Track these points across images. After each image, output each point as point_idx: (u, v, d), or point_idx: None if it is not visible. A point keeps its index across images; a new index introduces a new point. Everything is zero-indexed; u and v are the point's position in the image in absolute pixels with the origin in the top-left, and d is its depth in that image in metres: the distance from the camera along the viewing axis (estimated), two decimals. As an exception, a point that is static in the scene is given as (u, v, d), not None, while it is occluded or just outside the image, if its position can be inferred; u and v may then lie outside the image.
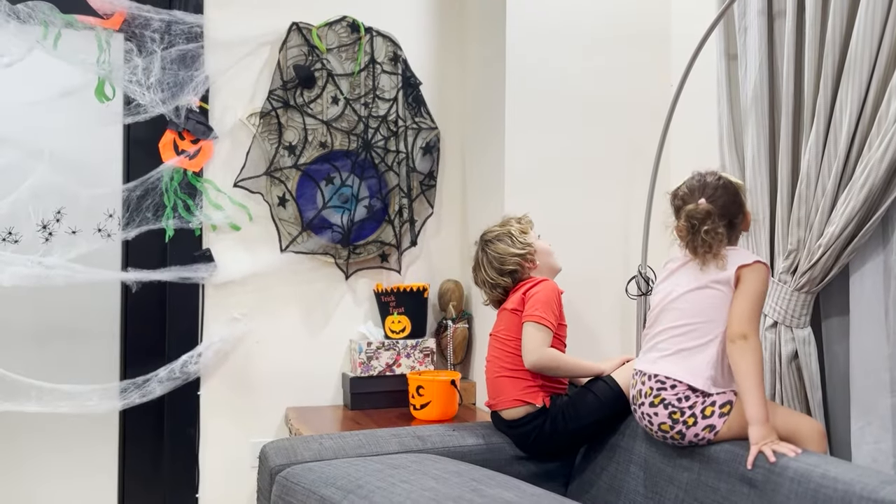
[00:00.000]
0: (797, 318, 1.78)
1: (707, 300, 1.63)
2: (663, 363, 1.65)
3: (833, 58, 1.68)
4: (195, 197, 2.39)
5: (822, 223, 1.71)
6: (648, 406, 1.64)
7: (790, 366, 1.78)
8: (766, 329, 1.81)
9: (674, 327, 1.66)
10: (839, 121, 1.68)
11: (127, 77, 2.30)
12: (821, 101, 1.70)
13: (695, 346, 1.62)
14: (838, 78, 1.69)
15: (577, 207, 2.38)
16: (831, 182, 1.69)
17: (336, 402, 2.56)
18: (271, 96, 2.46)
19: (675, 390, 1.61)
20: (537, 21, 2.34)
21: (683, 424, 1.59)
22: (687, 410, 1.59)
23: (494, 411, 1.95)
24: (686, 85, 2.08)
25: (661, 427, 1.63)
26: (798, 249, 1.77)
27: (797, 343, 1.77)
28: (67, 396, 2.26)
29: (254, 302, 2.48)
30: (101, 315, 2.43)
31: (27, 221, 2.29)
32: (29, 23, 2.22)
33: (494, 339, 1.98)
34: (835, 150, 1.69)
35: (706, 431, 1.58)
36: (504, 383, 1.90)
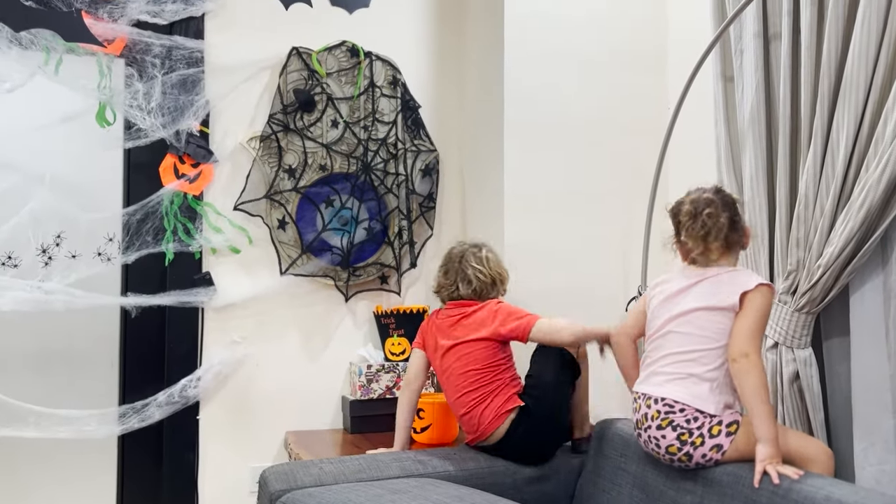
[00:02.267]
0: (798, 339, 1.77)
1: (714, 325, 1.61)
2: (671, 387, 1.63)
3: (829, 80, 1.70)
4: (195, 220, 2.40)
5: (822, 243, 1.71)
6: (656, 429, 1.63)
7: (792, 387, 1.77)
8: (766, 350, 1.81)
9: (681, 353, 1.64)
10: (836, 142, 1.69)
11: (128, 102, 2.32)
12: (818, 122, 1.71)
13: (703, 371, 1.61)
14: (835, 99, 1.70)
15: (577, 228, 2.39)
16: (829, 202, 1.69)
17: (336, 426, 2.54)
18: (271, 120, 2.47)
19: (683, 414, 1.60)
20: (535, 44, 2.36)
21: (691, 445, 1.58)
22: (695, 431, 1.58)
23: (481, 442, 1.93)
24: (683, 106, 2.09)
25: (669, 449, 1.61)
26: (797, 270, 1.77)
27: (798, 364, 1.76)
28: (66, 421, 2.25)
29: (253, 325, 2.47)
30: (100, 339, 2.42)
31: (27, 246, 2.29)
32: (31, 49, 2.24)
33: (455, 377, 1.94)
34: (832, 171, 1.69)
35: (713, 451, 1.57)
36: (480, 411, 1.90)
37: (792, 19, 1.79)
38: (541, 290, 2.33)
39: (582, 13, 2.41)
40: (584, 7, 2.41)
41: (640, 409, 1.68)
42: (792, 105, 1.80)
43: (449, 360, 1.96)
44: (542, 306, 2.33)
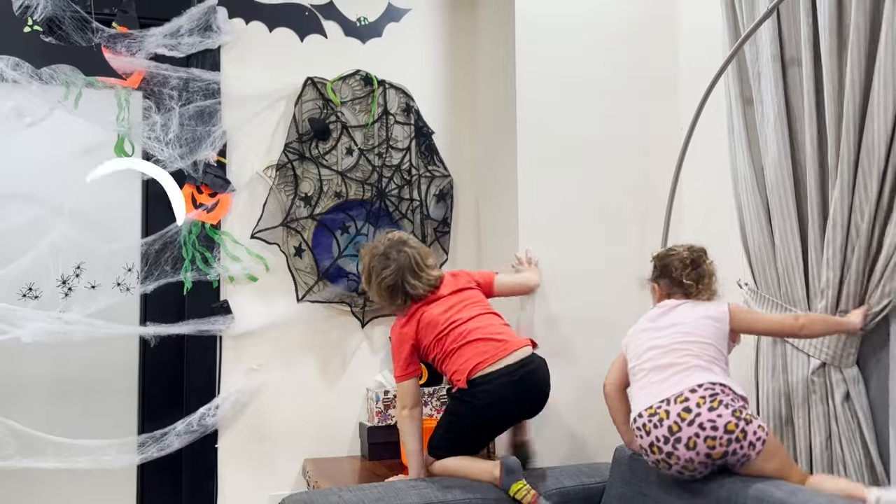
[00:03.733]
0: (845, 358, 1.75)
1: (710, 329, 1.72)
2: (698, 374, 1.66)
3: (854, 104, 1.70)
4: (213, 249, 2.42)
5: (860, 262, 1.71)
6: (708, 411, 1.60)
7: (844, 407, 1.75)
8: (813, 372, 1.79)
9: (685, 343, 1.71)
10: (868, 163, 1.69)
11: (146, 133, 2.36)
12: (845, 145, 1.71)
13: (719, 361, 1.70)
14: (861, 122, 1.70)
15: (591, 251, 2.38)
16: (865, 223, 1.69)
17: (353, 453, 2.54)
18: (287, 149, 2.50)
19: (725, 393, 1.63)
20: (546, 68, 2.38)
21: (745, 422, 1.59)
22: (744, 409, 1.62)
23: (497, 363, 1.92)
24: (697, 129, 2.10)
25: (728, 427, 1.58)
26: (829, 288, 1.76)
27: (848, 383, 1.75)
28: (85, 451, 2.26)
29: (271, 352, 2.48)
30: (119, 369, 2.43)
31: (47, 277, 2.32)
32: (51, 83, 2.28)
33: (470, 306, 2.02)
34: (865, 193, 1.69)
35: (760, 430, 1.60)
36: (509, 330, 2.01)
37: (812, 46, 1.80)
38: (557, 313, 2.33)
39: (593, 36, 2.42)
40: (595, 30, 2.43)
41: (660, 423, 1.64)
42: (818, 129, 1.80)
43: (453, 310, 2.01)
44: (559, 329, 2.33)
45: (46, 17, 2.27)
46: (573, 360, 2.33)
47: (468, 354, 1.95)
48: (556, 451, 2.26)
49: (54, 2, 2.28)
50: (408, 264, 2.01)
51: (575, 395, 2.31)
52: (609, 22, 2.44)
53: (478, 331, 1.98)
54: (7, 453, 2.20)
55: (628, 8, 2.46)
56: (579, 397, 2.31)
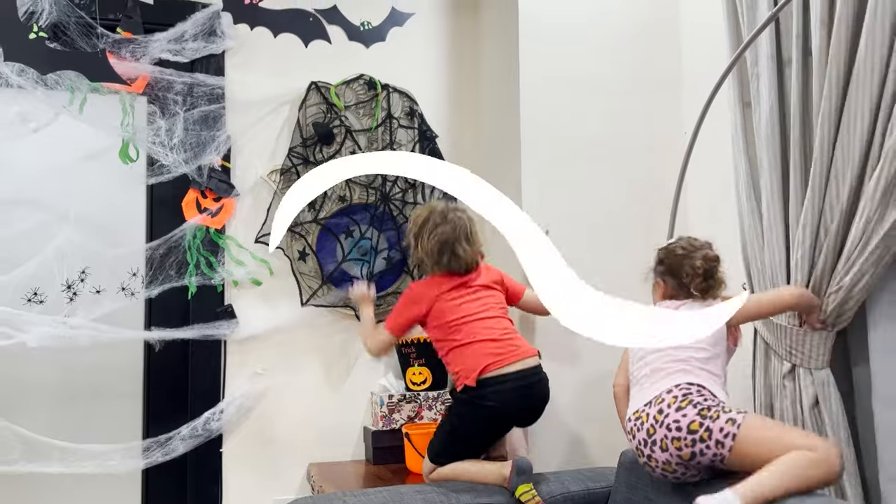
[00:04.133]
0: (815, 360, 1.75)
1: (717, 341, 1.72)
2: (680, 375, 1.67)
3: (831, 103, 1.69)
4: (217, 254, 2.42)
5: (827, 265, 1.71)
6: (675, 412, 1.60)
7: (812, 412, 1.74)
8: (784, 376, 1.79)
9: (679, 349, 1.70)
10: (841, 166, 1.68)
11: (150, 138, 2.36)
12: (822, 144, 1.71)
13: (709, 366, 1.69)
14: (838, 122, 1.69)
15: (595, 252, 2.37)
16: (834, 224, 1.69)
17: (358, 457, 2.53)
18: (291, 153, 2.50)
19: (700, 392, 1.63)
20: (550, 70, 2.38)
21: (710, 420, 1.56)
22: (713, 407, 1.59)
23: (510, 366, 1.94)
24: (701, 131, 2.09)
25: (691, 427, 1.57)
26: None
27: (816, 386, 1.74)
28: (90, 456, 2.26)
29: (275, 356, 2.48)
30: (124, 374, 2.44)
31: (52, 282, 2.32)
32: (56, 89, 2.29)
33: (493, 307, 2.03)
34: (837, 195, 1.69)
35: (729, 424, 1.54)
36: (519, 338, 2.00)
37: (802, 42, 1.79)
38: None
39: (596, 37, 2.42)
40: (599, 31, 2.43)
41: (645, 420, 1.65)
42: (802, 128, 1.80)
43: (476, 303, 2.02)
44: (563, 331, 2.32)
45: (51, 23, 2.28)
46: (577, 363, 2.33)
47: (480, 353, 1.95)
48: (560, 455, 2.26)
49: (59, 8, 2.28)
50: (464, 228, 2.05)
51: (579, 398, 2.31)
52: (613, 22, 2.44)
53: (492, 331, 1.98)
54: (12, 458, 2.20)
55: (632, 8, 2.46)
56: (584, 400, 2.31)
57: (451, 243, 2.03)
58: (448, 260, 2.03)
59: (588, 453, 2.29)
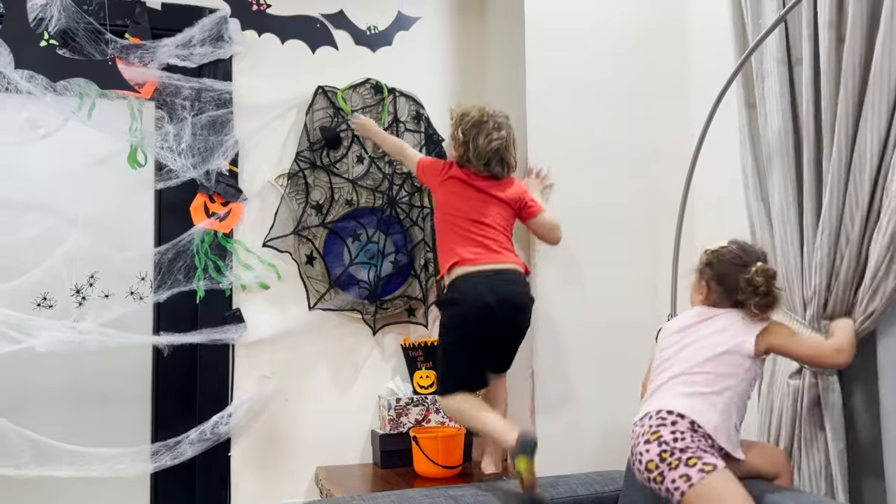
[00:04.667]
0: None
1: (723, 359, 1.64)
2: (671, 400, 1.64)
3: (847, 105, 1.68)
4: (225, 258, 2.43)
5: (850, 271, 1.70)
6: (643, 444, 1.61)
7: (811, 413, 1.74)
8: (790, 375, 1.79)
9: (687, 372, 1.66)
10: (859, 167, 1.67)
11: (158, 144, 2.37)
12: (839, 148, 1.70)
13: (708, 391, 1.62)
14: (856, 124, 1.69)
15: (604, 256, 2.38)
16: (856, 230, 1.68)
17: (366, 461, 2.54)
18: (299, 158, 2.51)
19: (674, 426, 1.59)
20: (557, 73, 2.38)
21: (667, 466, 1.55)
22: (676, 452, 1.56)
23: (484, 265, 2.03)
24: (708, 134, 2.09)
25: (648, 466, 1.59)
26: (817, 295, 1.75)
27: (821, 390, 1.74)
28: (99, 460, 2.27)
29: (283, 360, 2.49)
30: (132, 378, 2.45)
31: (61, 286, 2.33)
32: (65, 95, 2.30)
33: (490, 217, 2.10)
34: (856, 198, 1.68)
35: (682, 480, 1.53)
36: (507, 250, 2.09)
37: (813, 44, 1.79)
38: (569, 319, 2.33)
39: (602, 41, 2.43)
40: (605, 35, 2.43)
41: (635, 432, 1.66)
42: (815, 130, 1.79)
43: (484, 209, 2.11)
44: (572, 336, 2.33)
45: (60, 30, 2.29)
46: (586, 367, 2.33)
47: (460, 249, 2.07)
48: (568, 458, 2.26)
49: (68, 14, 2.30)
50: (512, 137, 2.17)
51: (589, 401, 2.31)
52: (619, 27, 2.44)
53: (482, 237, 2.08)
54: (22, 461, 2.21)
55: (638, 12, 2.46)
56: (593, 404, 2.31)
57: (503, 151, 2.13)
58: (496, 165, 2.13)
59: (597, 457, 2.29)
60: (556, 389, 2.31)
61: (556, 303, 2.32)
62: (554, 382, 2.31)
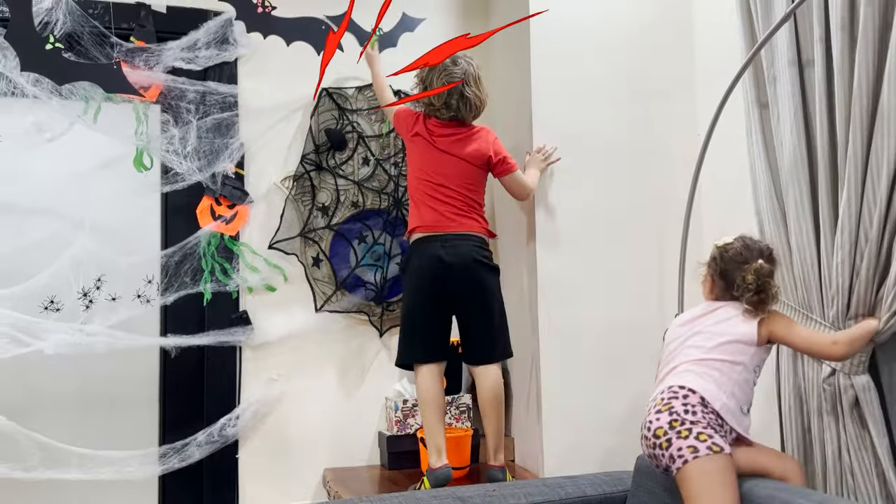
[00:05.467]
0: (854, 365, 1.73)
1: (730, 348, 1.68)
2: (682, 377, 1.66)
3: (862, 105, 1.67)
4: (232, 260, 2.43)
5: (871, 268, 1.69)
6: (654, 413, 1.63)
7: (853, 414, 1.73)
8: (824, 379, 1.78)
9: (697, 359, 1.68)
10: (876, 166, 1.66)
11: (164, 147, 2.38)
12: (854, 147, 1.69)
13: (718, 375, 1.65)
14: (871, 124, 1.68)
15: (610, 255, 2.37)
16: (875, 227, 1.67)
17: (373, 462, 2.54)
18: (304, 160, 2.51)
19: (686, 400, 1.61)
20: (562, 75, 2.38)
21: (676, 434, 1.57)
22: (687, 422, 1.58)
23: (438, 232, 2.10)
24: (714, 133, 2.09)
25: (657, 432, 1.60)
26: (839, 295, 1.74)
27: (857, 390, 1.73)
28: (108, 462, 2.28)
29: (290, 362, 2.49)
30: (140, 380, 2.45)
31: (68, 290, 2.34)
32: (70, 99, 2.31)
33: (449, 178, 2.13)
34: (874, 197, 1.67)
35: (689, 451, 1.54)
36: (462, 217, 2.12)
37: (824, 46, 1.78)
38: (576, 321, 2.32)
39: (608, 41, 2.42)
40: (610, 35, 2.42)
41: (647, 411, 1.67)
42: (830, 131, 1.78)
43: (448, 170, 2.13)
44: (579, 338, 2.33)
45: (65, 33, 2.30)
46: (593, 367, 2.32)
47: (425, 215, 2.13)
48: (576, 459, 2.25)
49: (73, 18, 2.30)
50: (472, 73, 2.13)
51: (596, 401, 2.31)
52: (624, 26, 2.44)
53: (444, 201, 2.11)
54: (31, 465, 2.21)
55: (643, 12, 2.45)
56: (600, 404, 2.30)
57: (461, 87, 2.09)
58: (456, 102, 2.10)
59: (605, 457, 2.28)
60: (563, 389, 2.31)
61: (562, 302, 2.32)
62: (560, 381, 2.31)
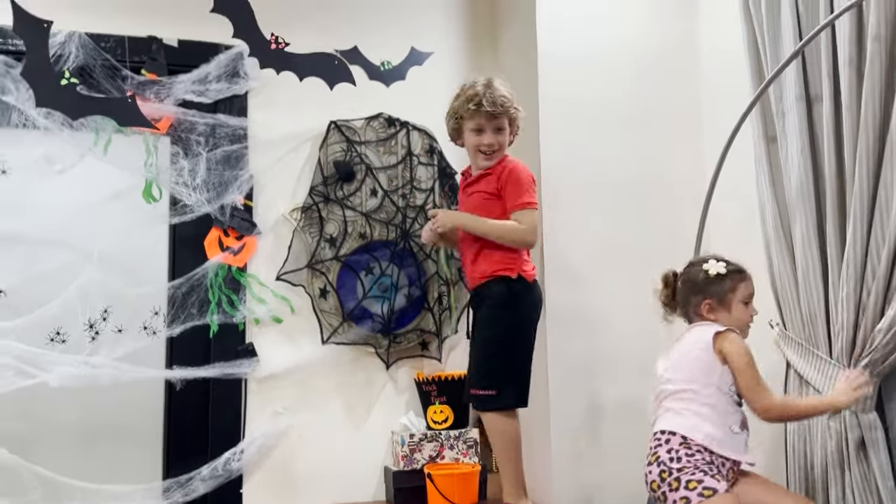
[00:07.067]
0: (861, 403, 1.72)
1: (696, 365, 1.71)
2: (665, 419, 1.72)
3: (868, 139, 1.68)
4: (239, 292, 2.42)
5: (878, 305, 1.68)
6: (647, 465, 1.68)
7: (859, 454, 1.71)
8: (829, 417, 1.76)
9: (677, 391, 1.72)
10: (885, 202, 1.66)
11: (173, 179, 2.38)
12: (861, 183, 1.69)
13: (697, 406, 1.69)
14: (879, 159, 1.68)
15: (617, 288, 2.36)
16: (883, 264, 1.67)
17: (379, 497, 2.50)
18: (313, 192, 2.52)
19: (668, 445, 1.65)
20: (571, 107, 2.40)
21: (668, 486, 1.61)
22: (674, 472, 1.61)
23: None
24: (723, 167, 2.09)
25: (652, 486, 1.66)
26: (845, 330, 1.73)
27: (863, 429, 1.71)
28: (111, 497, 2.25)
29: (296, 395, 2.47)
30: (144, 413, 2.43)
31: (75, 321, 2.33)
32: (81, 130, 2.32)
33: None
34: (882, 233, 1.67)
35: (682, 502, 1.58)
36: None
37: (832, 81, 1.79)
38: (582, 352, 2.31)
39: (616, 75, 2.44)
40: (618, 68, 2.45)
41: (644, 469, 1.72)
42: (837, 166, 1.79)
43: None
44: (583, 369, 2.31)
45: (78, 66, 2.31)
46: (602, 401, 2.30)
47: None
48: (586, 495, 2.22)
49: (86, 51, 2.32)
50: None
51: (603, 433, 2.28)
52: (633, 59, 2.47)
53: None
54: (33, 499, 2.19)
55: (651, 45, 2.49)
56: (607, 435, 2.28)
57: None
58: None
59: (616, 493, 2.25)
60: (573, 423, 2.29)
61: (568, 334, 2.31)
62: (570, 416, 2.29)
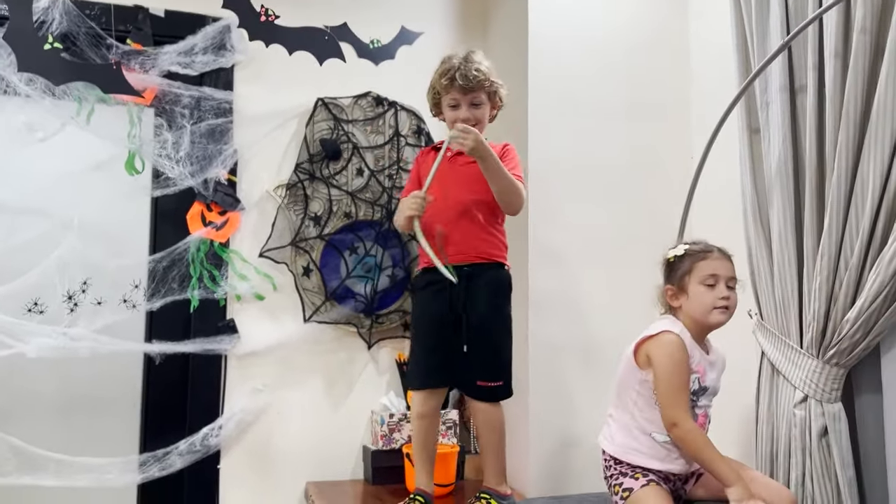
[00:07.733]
0: (827, 393, 1.74)
1: (623, 368, 1.78)
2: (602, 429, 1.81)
3: (849, 132, 1.69)
4: (221, 267, 2.41)
5: (848, 296, 1.70)
6: None
7: (820, 442, 1.73)
8: (795, 405, 1.78)
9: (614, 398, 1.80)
10: (861, 195, 1.68)
11: (157, 151, 2.35)
12: (840, 175, 1.71)
13: (617, 414, 1.76)
14: (858, 151, 1.70)
15: (602, 278, 2.37)
16: (855, 256, 1.68)
17: (357, 476, 2.50)
18: (298, 169, 2.50)
19: (602, 457, 1.77)
20: (560, 89, 2.39)
21: (613, 493, 1.71)
22: (611, 481, 1.72)
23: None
24: (708, 157, 2.10)
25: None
26: (816, 321, 1.75)
27: (827, 418, 1.73)
28: (86, 469, 2.23)
29: (276, 372, 2.46)
30: (122, 386, 2.41)
31: (53, 292, 2.30)
32: (63, 99, 2.28)
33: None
34: (857, 225, 1.68)
35: None
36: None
37: (817, 73, 1.80)
38: (565, 340, 2.32)
39: (606, 59, 2.44)
40: (609, 52, 2.44)
41: None
42: (818, 157, 1.80)
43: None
44: (567, 356, 2.32)
45: (61, 33, 2.27)
46: (582, 386, 2.31)
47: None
48: (562, 479, 2.24)
49: (70, 18, 2.28)
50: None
51: (583, 421, 2.29)
52: (623, 43, 2.46)
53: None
54: (6, 470, 2.17)
55: (642, 29, 2.48)
56: (588, 424, 2.29)
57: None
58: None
59: (591, 477, 2.27)
60: (550, 407, 2.30)
61: (552, 322, 2.31)
62: (548, 400, 2.30)
